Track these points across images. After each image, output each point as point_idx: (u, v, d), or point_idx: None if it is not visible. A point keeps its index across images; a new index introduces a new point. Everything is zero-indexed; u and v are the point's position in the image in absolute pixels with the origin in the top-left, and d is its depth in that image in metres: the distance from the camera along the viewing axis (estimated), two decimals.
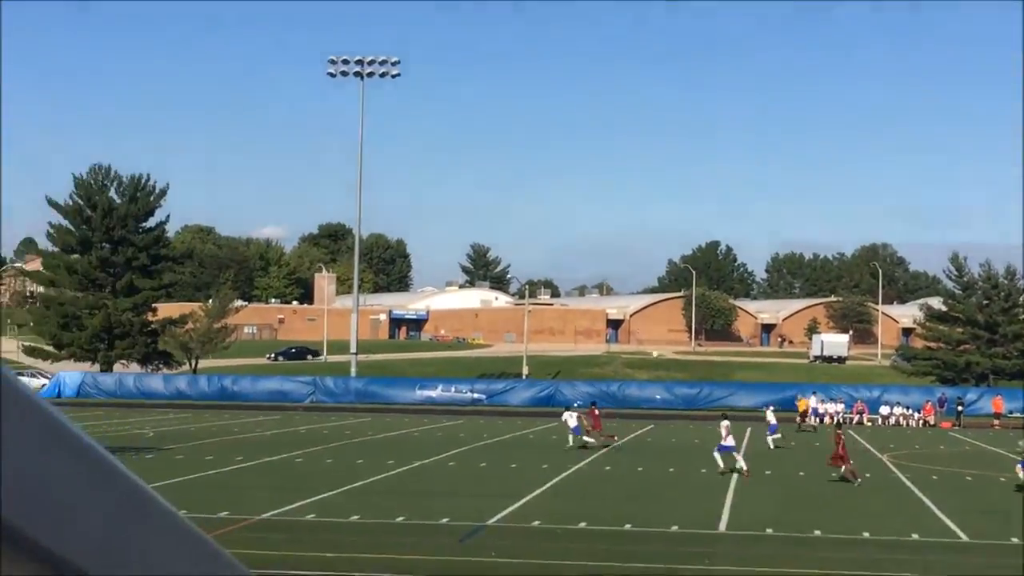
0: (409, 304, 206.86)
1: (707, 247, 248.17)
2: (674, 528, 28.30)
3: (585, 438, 51.47)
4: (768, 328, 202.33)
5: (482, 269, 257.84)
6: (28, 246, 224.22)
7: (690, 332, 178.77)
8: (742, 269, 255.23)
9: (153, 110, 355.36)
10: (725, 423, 43.31)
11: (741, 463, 41.44)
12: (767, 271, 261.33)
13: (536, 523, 28.74)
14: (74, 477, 0.83)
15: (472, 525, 28.25)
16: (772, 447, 52.90)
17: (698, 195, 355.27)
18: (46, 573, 0.79)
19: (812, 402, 75.85)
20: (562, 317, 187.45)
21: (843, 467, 39.71)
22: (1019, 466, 39.03)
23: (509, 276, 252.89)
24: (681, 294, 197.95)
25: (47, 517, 0.77)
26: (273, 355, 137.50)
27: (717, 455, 42.32)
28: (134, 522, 0.91)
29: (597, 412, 54.30)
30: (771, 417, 56.43)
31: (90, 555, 0.82)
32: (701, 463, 44.05)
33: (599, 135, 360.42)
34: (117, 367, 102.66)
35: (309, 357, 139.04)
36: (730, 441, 42.67)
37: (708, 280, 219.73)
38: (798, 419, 69.43)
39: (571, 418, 52.44)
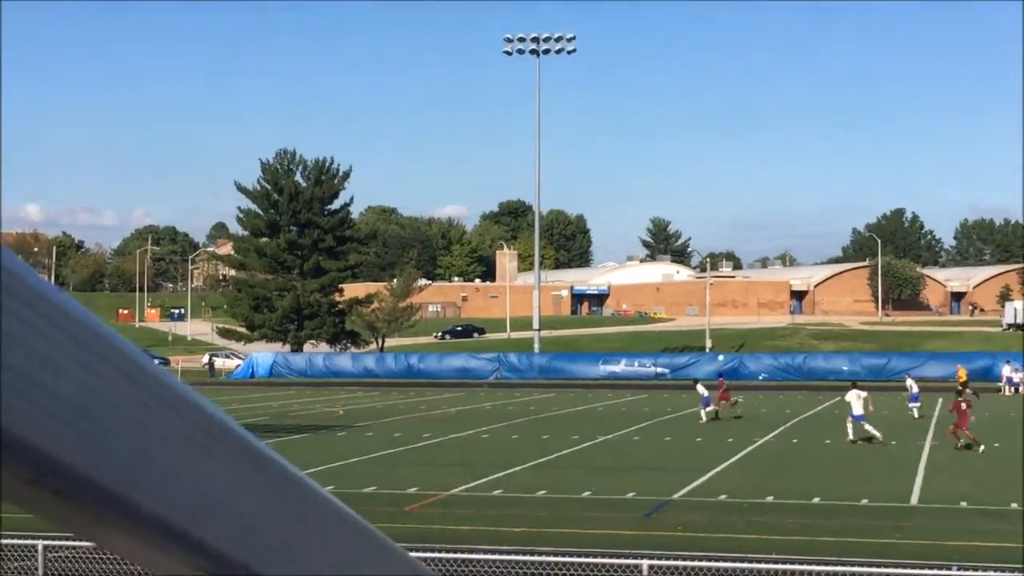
0: (590, 279, 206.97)
1: (892, 215, 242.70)
2: (864, 501, 27.88)
3: (709, 408, 51.97)
4: (958, 296, 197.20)
5: (663, 243, 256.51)
6: (219, 231, 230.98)
7: (876, 302, 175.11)
8: (929, 236, 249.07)
9: (333, 94, 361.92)
10: (855, 392, 43.01)
11: (873, 431, 41.69)
12: (955, 238, 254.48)
13: (722, 497, 28.61)
14: (239, 477, 0.83)
15: (658, 500, 28.26)
16: (916, 416, 52.12)
17: (881, 162, 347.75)
18: (201, 565, 0.80)
19: (1007, 371, 73.76)
20: (744, 289, 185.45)
21: (961, 435, 39.37)
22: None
23: (690, 249, 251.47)
24: (866, 263, 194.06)
25: (199, 511, 0.78)
26: (440, 334, 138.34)
27: (848, 425, 42.57)
28: (301, 520, 0.90)
29: (725, 385, 54.80)
30: (913, 386, 55.56)
31: (257, 554, 0.83)
32: (891, 435, 43.25)
33: (777, 104, 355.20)
34: (307, 347, 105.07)
35: (475, 335, 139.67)
36: (859, 410, 42.38)
37: (894, 248, 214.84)
38: (959, 388, 67.43)
39: (701, 390, 53.41)
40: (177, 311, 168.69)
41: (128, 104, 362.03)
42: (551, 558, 18.05)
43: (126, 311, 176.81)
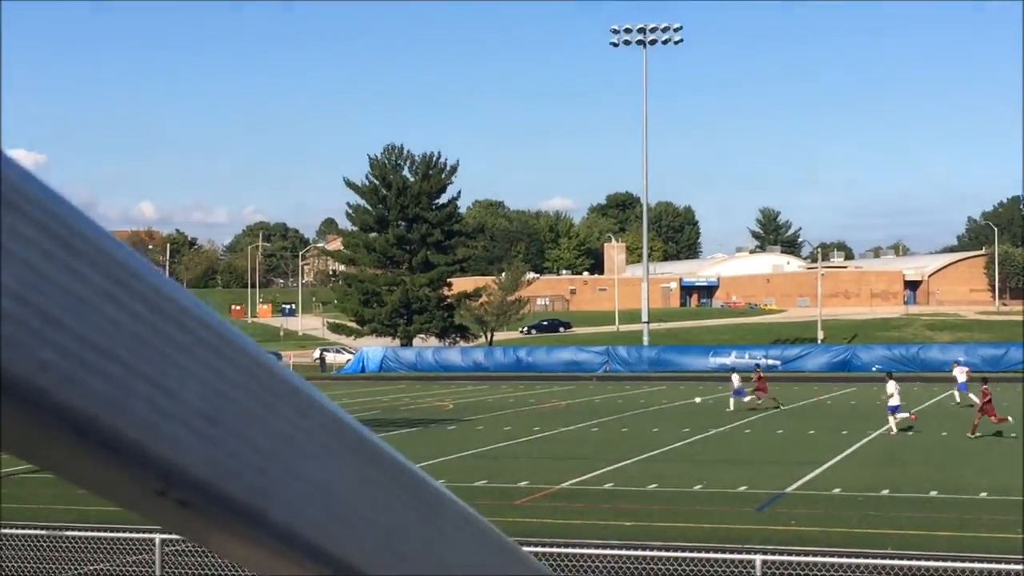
0: (699, 271, 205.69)
1: (1009, 202, 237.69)
2: (983, 495, 27.29)
3: (747, 399, 53.07)
4: None
5: (772, 233, 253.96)
6: (329, 226, 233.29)
7: (993, 291, 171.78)
8: None
9: (440, 88, 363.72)
10: (893, 383, 43.30)
11: (893, 423, 42.28)
12: None
13: (836, 491, 28.20)
14: (369, 483, 0.80)
15: (770, 493, 27.93)
16: (958, 401, 52.66)
17: (997, 148, 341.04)
18: (326, 574, 0.77)
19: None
20: (856, 280, 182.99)
21: (987, 418, 40.71)
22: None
23: (800, 239, 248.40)
24: (982, 252, 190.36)
25: (326, 518, 0.76)
26: (527, 328, 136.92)
27: (890, 418, 42.80)
28: (435, 528, 0.86)
29: (762, 375, 55.61)
30: (960, 375, 55.60)
31: (370, 554, 0.80)
32: (1010, 427, 42.32)
33: (888, 90, 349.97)
34: (416, 341, 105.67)
35: (561, 330, 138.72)
36: (896, 400, 42.84)
37: (1011, 236, 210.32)
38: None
39: (735, 380, 54.49)
40: (288, 306, 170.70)
41: (239, 102, 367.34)
42: (661, 553, 17.88)
43: (238, 307, 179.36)
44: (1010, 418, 42.04)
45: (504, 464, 34.09)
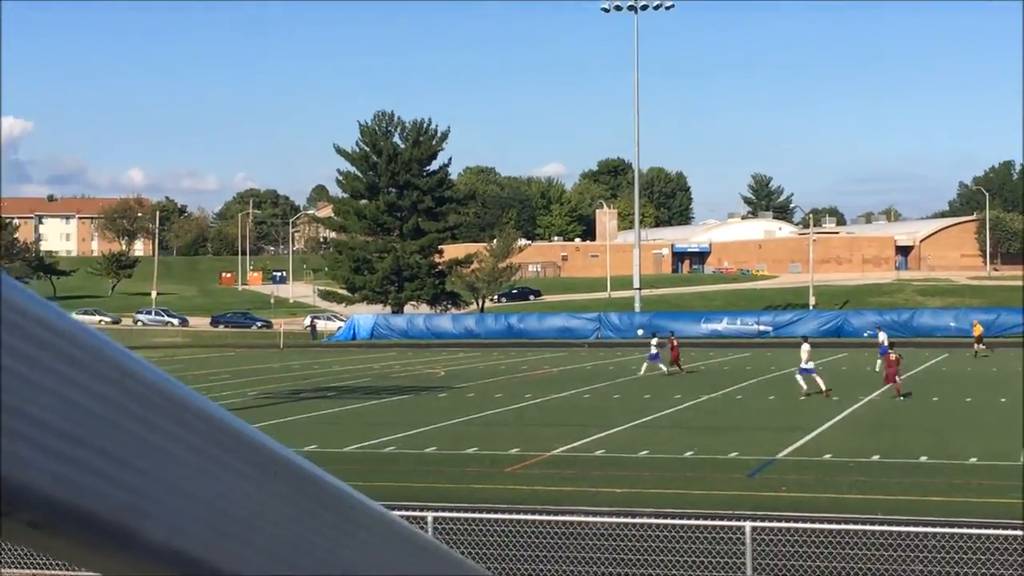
0: (691, 237, 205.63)
1: (1000, 167, 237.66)
2: (973, 460, 27.32)
3: (662, 366, 53.44)
4: None
5: (764, 199, 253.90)
6: (320, 193, 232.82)
7: (984, 257, 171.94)
8: None
9: (430, 55, 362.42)
10: (806, 347, 44.63)
11: (821, 384, 42.90)
12: None
13: (827, 457, 28.20)
14: (257, 490, 0.76)
15: (761, 459, 27.94)
16: (877, 370, 52.35)
17: (988, 113, 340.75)
18: None
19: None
20: (848, 245, 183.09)
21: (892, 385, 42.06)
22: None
23: (792, 205, 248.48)
24: (974, 217, 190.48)
25: (213, 533, 0.72)
26: (496, 296, 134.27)
27: (799, 377, 43.81)
28: (326, 527, 0.81)
29: (676, 343, 56.21)
30: (883, 338, 56.62)
31: (269, 567, 0.76)
32: (1000, 392, 42.40)
33: (879, 56, 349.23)
34: (407, 308, 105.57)
35: (531, 298, 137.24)
36: (810, 364, 43.97)
37: (1003, 201, 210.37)
38: (975, 345, 66.33)
39: (654, 345, 55.07)
40: (279, 274, 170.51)
41: (228, 69, 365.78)
42: (652, 520, 17.87)
43: (228, 274, 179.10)
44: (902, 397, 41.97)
45: (495, 431, 34.07)
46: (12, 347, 0.63)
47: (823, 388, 42.82)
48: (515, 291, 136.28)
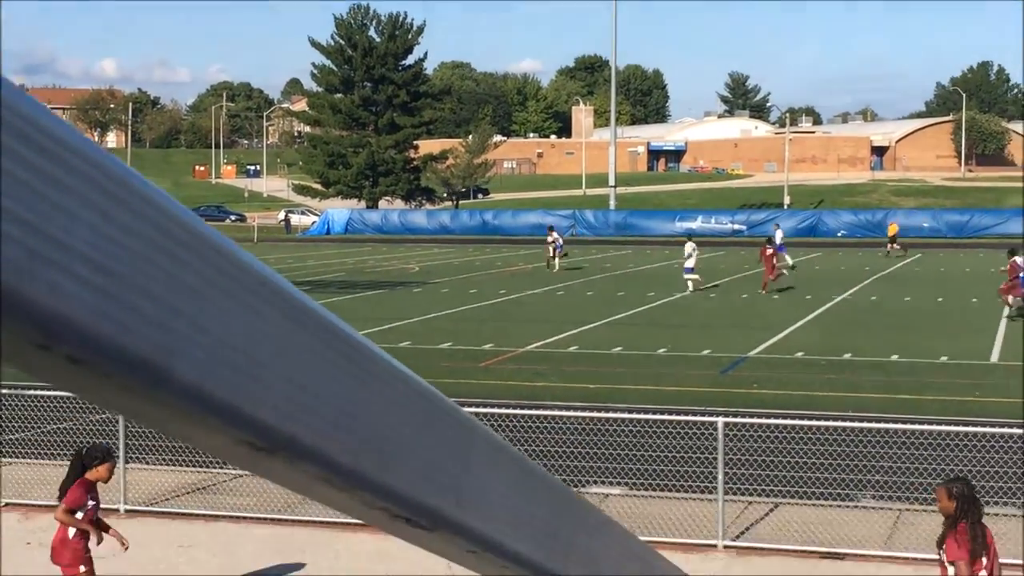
0: (667, 136, 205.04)
1: (978, 68, 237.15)
2: (943, 359, 27.59)
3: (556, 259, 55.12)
4: None
5: (741, 98, 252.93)
6: (294, 87, 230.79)
7: (959, 158, 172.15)
8: (1016, 90, 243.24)
9: None
10: (690, 244, 45.48)
11: (690, 281, 44.65)
12: None
13: (799, 355, 28.44)
14: (286, 336, 0.76)
15: (733, 357, 28.15)
16: (790, 265, 54.09)
17: (967, 13, 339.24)
18: (240, 434, 0.73)
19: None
20: (824, 145, 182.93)
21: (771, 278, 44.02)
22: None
23: (769, 104, 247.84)
24: (950, 118, 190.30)
25: (240, 377, 0.72)
26: (447, 193, 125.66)
27: (685, 276, 45.15)
28: (359, 383, 0.81)
29: (556, 237, 57.63)
30: (778, 236, 56.78)
31: (307, 423, 0.76)
32: (972, 292, 42.70)
33: None
34: (382, 203, 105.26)
35: (479, 196, 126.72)
36: (691, 263, 44.86)
37: (979, 103, 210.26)
38: (888, 245, 67.20)
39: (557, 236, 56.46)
40: (253, 168, 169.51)
41: None
42: (625, 415, 18.03)
43: (202, 168, 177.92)
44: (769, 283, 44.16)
45: (469, 326, 34.19)
46: (45, 172, 0.62)
47: (691, 288, 44.54)
48: (463, 190, 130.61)
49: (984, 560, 9.62)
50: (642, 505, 15.72)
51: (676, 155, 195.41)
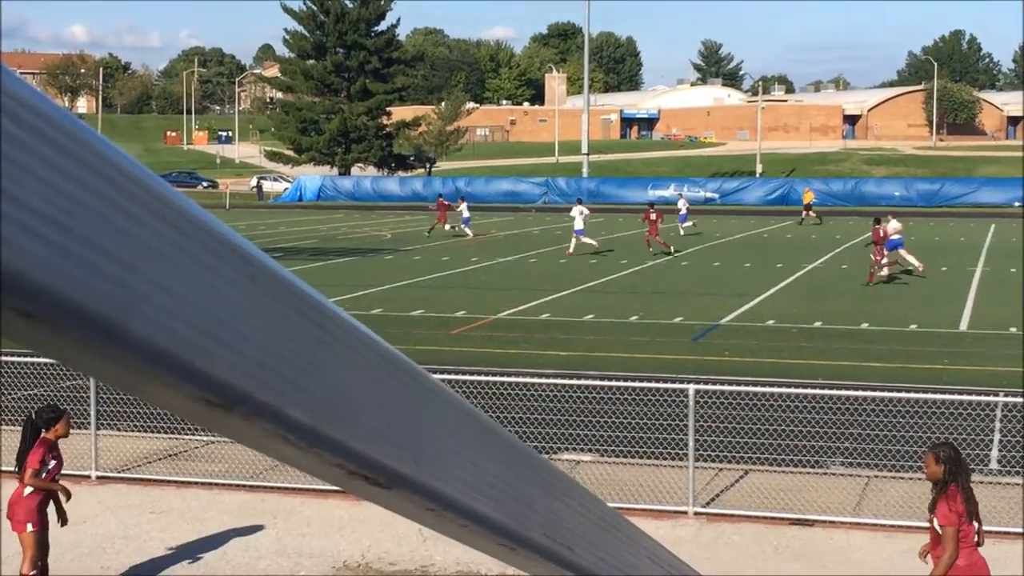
0: (640, 103, 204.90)
1: (950, 37, 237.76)
2: (913, 327, 27.75)
3: (468, 230, 56.06)
4: (1015, 121, 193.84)
5: (714, 66, 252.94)
6: (266, 53, 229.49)
7: (931, 127, 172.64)
8: (987, 59, 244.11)
9: None
10: (578, 208, 47.69)
11: (572, 244, 46.54)
12: (1014, 60, 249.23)
13: (770, 322, 28.55)
14: (245, 296, 0.75)
15: (705, 324, 28.24)
16: (682, 234, 55.87)
17: None
18: (198, 392, 0.74)
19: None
20: (796, 113, 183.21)
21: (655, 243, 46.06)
22: None
23: (742, 72, 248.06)
24: (922, 87, 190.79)
25: (198, 334, 0.72)
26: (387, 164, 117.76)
27: (576, 239, 46.65)
28: (317, 341, 0.81)
29: (446, 203, 59.24)
30: (683, 207, 59.78)
31: (262, 381, 0.76)
32: (942, 261, 42.92)
33: None
34: (354, 170, 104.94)
35: (427, 166, 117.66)
36: (580, 225, 46.73)
37: (951, 72, 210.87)
38: (803, 212, 68.04)
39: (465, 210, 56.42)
40: (225, 134, 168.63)
41: None
42: (597, 382, 18.08)
43: (174, 134, 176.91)
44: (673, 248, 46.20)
45: (441, 294, 34.19)
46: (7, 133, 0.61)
47: (571, 249, 46.51)
48: (411, 157, 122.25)
49: (975, 524, 9.71)
50: (613, 472, 15.79)
51: (649, 123, 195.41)
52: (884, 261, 36.81)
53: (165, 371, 0.71)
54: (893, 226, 38.70)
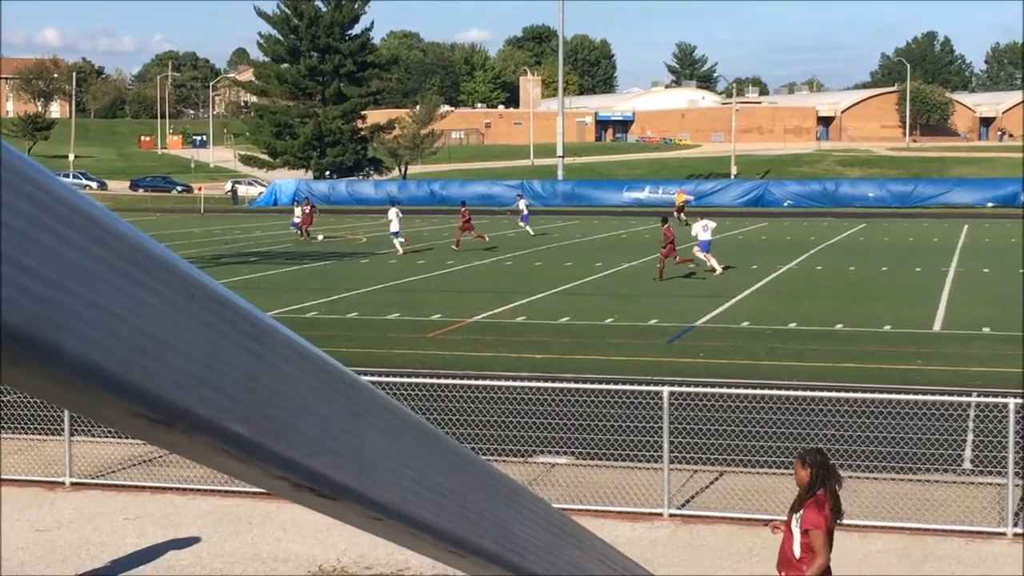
0: (615, 106, 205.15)
1: (923, 38, 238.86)
2: (887, 328, 27.85)
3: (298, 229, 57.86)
4: (987, 122, 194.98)
5: (688, 68, 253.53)
6: (240, 57, 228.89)
7: (904, 128, 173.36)
8: (960, 61, 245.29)
9: None
10: (394, 211, 50.11)
11: (396, 245, 48.49)
12: (986, 62, 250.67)
13: (745, 324, 28.61)
14: (177, 311, 0.76)
15: (680, 326, 28.29)
16: (532, 234, 57.37)
17: None
18: (136, 408, 0.73)
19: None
20: (771, 115, 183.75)
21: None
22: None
23: (716, 75, 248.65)
24: (895, 89, 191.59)
25: (132, 351, 0.72)
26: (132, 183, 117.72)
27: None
28: (251, 354, 0.81)
29: (309, 207, 60.89)
30: (523, 207, 61.19)
31: (185, 386, 0.76)
32: (915, 262, 43.11)
33: None
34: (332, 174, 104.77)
35: (176, 190, 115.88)
36: (396, 227, 49.25)
37: (923, 73, 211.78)
38: (675, 212, 68.48)
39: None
40: (199, 138, 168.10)
41: None
42: (572, 384, 18.09)
43: (148, 138, 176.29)
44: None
45: (417, 297, 34.17)
46: None
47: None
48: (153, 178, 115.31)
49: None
50: (588, 474, 15.80)
51: (624, 125, 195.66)
52: (679, 258, 38.70)
53: (101, 388, 0.71)
54: (703, 225, 40.79)
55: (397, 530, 1.03)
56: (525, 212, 60.34)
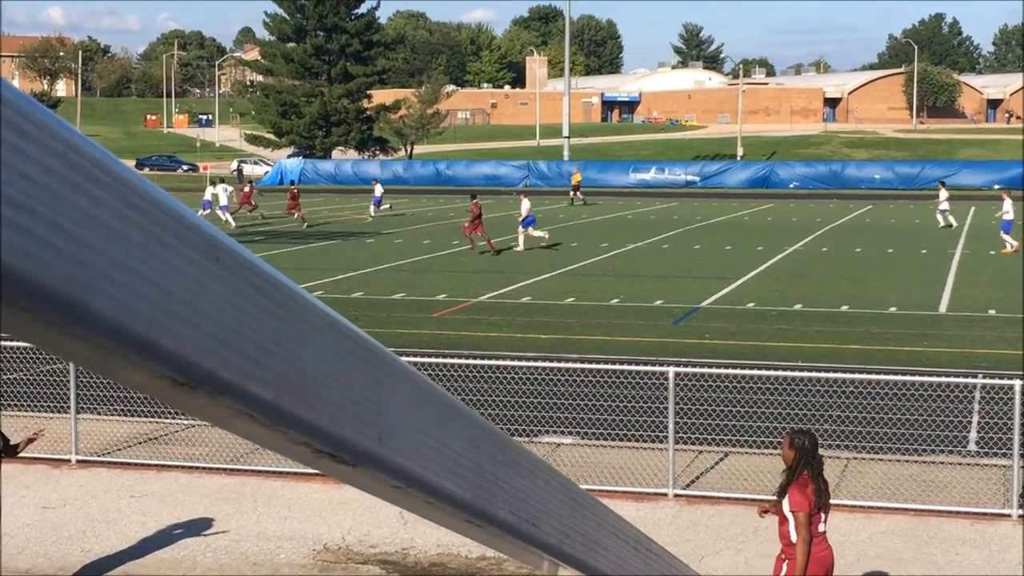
0: (621, 86, 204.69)
1: (930, 20, 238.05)
2: (892, 310, 27.84)
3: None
4: (994, 104, 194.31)
5: (695, 49, 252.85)
6: (246, 36, 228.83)
7: (911, 110, 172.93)
8: (967, 42, 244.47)
9: None
10: (222, 187, 50.42)
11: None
12: (994, 44, 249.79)
13: (750, 305, 28.61)
14: (204, 275, 0.77)
15: (686, 307, 28.29)
16: (372, 215, 57.57)
17: None
18: (160, 370, 0.74)
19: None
20: (777, 96, 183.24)
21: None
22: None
23: (723, 55, 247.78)
24: (902, 70, 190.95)
25: (159, 313, 0.73)
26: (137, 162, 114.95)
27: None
28: (280, 321, 0.82)
29: (248, 189, 57.94)
30: (378, 190, 60.25)
31: (226, 360, 0.77)
32: (921, 244, 43.06)
33: None
34: (335, 153, 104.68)
35: (183, 168, 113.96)
36: (224, 201, 48.91)
37: (931, 55, 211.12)
38: (571, 192, 70.15)
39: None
40: (205, 117, 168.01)
41: None
42: (578, 364, 18.10)
43: (154, 117, 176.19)
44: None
45: (423, 277, 34.18)
46: None
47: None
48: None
49: (823, 515, 9.82)
50: (593, 454, 15.82)
51: (630, 106, 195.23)
52: (485, 236, 40.39)
53: (129, 350, 0.73)
54: (526, 205, 43.21)
55: (415, 498, 1.04)
56: (378, 195, 59.66)
